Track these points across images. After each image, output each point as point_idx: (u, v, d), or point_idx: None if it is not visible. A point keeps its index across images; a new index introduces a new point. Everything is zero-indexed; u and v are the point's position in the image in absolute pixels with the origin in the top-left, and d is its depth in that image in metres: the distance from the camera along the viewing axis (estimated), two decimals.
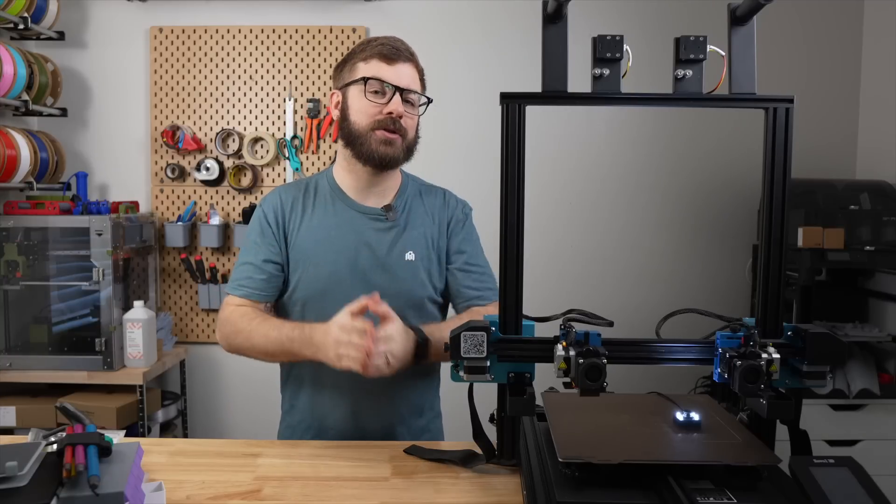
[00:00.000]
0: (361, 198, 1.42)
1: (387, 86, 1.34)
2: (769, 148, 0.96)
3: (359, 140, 1.35)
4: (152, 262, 2.89)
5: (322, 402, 1.41)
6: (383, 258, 1.38)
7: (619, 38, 0.94)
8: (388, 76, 1.34)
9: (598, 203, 2.98)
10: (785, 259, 0.97)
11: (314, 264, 1.38)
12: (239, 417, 3.02)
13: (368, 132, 1.34)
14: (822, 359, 0.91)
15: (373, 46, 1.36)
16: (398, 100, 1.34)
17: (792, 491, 0.83)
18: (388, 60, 1.35)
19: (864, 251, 2.45)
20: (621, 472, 0.86)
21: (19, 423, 2.50)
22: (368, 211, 1.41)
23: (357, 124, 1.35)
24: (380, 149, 1.34)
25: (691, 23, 2.85)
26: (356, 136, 1.36)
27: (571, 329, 0.95)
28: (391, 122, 1.34)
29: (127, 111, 2.93)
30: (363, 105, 1.35)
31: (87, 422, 1.05)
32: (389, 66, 1.35)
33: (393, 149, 1.35)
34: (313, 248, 1.39)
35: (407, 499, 1.03)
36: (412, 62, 1.39)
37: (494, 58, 2.91)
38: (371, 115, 1.34)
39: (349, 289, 1.34)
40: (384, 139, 1.34)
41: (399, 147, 1.36)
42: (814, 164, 2.86)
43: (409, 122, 1.37)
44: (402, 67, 1.36)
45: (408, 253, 1.39)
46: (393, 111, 1.33)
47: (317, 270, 1.37)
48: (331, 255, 1.37)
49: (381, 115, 1.34)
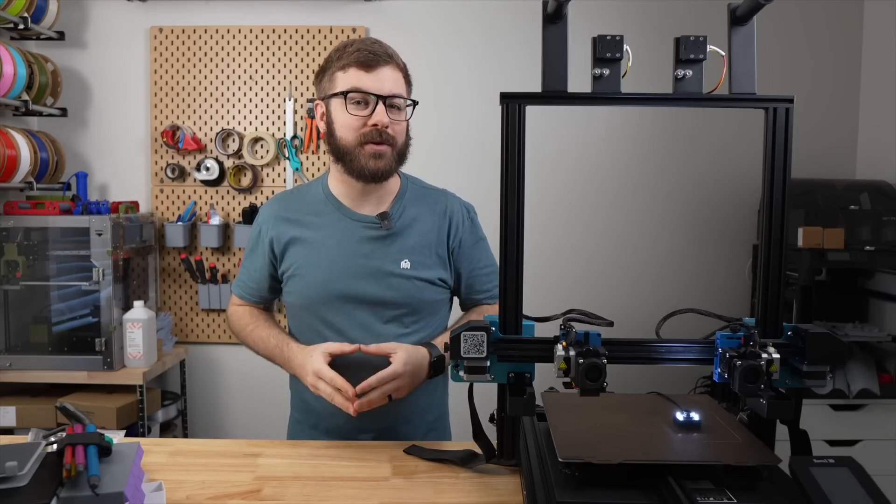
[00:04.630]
0: (357, 206, 1.39)
1: (368, 96, 1.29)
2: (769, 148, 0.96)
3: (348, 157, 1.32)
4: (152, 262, 2.89)
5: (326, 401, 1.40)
6: (377, 267, 1.36)
7: (619, 38, 0.94)
8: (369, 85, 1.28)
9: (598, 203, 2.98)
10: (785, 259, 0.97)
11: (309, 273, 1.37)
12: (239, 417, 3.03)
13: (356, 148, 1.31)
14: (822, 359, 0.91)
15: (349, 54, 1.30)
16: (382, 110, 1.28)
17: (792, 491, 0.83)
18: (367, 67, 1.29)
19: (864, 251, 2.45)
20: (621, 472, 0.86)
21: (19, 423, 2.49)
22: (363, 219, 1.38)
23: (343, 140, 1.32)
24: (370, 164, 1.30)
25: (691, 23, 2.85)
26: (344, 153, 1.32)
27: (571, 329, 0.95)
28: (378, 135, 1.29)
29: (127, 111, 2.93)
30: (347, 120, 1.30)
31: (87, 422, 1.05)
32: (368, 74, 1.29)
33: (383, 161, 1.31)
34: (307, 257, 1.38)
35: (407, 499, 1.03)
36: (392, 63, 1.32)
37: (494, 58, 2.90)
38: (356, 129, 1.30)
39: (343, 298, 1.35)
40: (373, 153, 1.30)
41: (389, 158, 1.32)
42: (814, 164, 2.86)
43: (398, 128, 1.32)
44: (383, 72, 1.30)
45: (403, 261, 1.36)
46: (378, 122, 1.28)
47: (312, 279, 1.37)
48: (325, 264, 1.36)
49: (367, 128, 1.29)
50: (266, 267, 1.44)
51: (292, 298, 1.41)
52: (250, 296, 1.49)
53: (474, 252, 1.45)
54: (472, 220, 1.47)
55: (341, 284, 1.35)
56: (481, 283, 1.46)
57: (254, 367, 2.49)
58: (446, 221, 1.42)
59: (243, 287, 1.49)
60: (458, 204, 1.47)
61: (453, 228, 1.42)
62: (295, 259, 1.39)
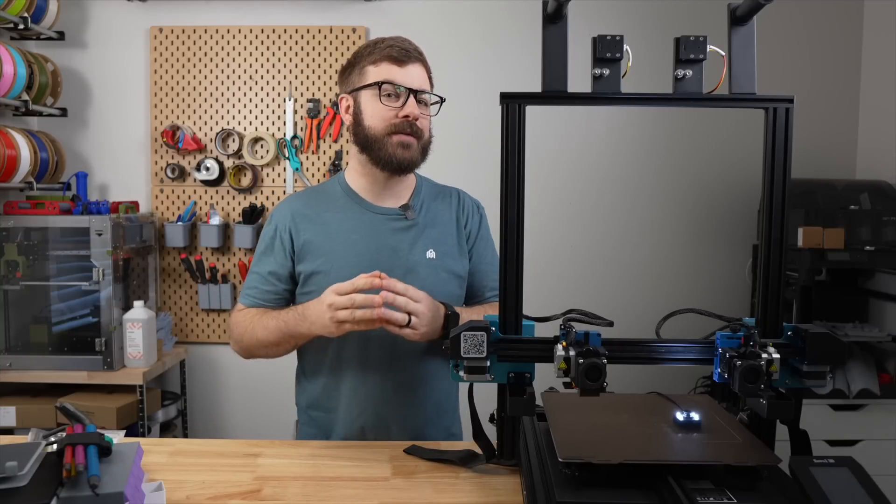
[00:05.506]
0: (378, 200, 1.41)
1: (400, 88, 1.33)
2: (769, 148, 0.96)
3: (376, 145, 1.35)
4: (152, 262, 2.89)
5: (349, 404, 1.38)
6: (405, 258, 1.37)
7: (619, 38, 0.94)
8: (401, 78, 1.33)
9: (599, 203, 2.98)
10: (785, 259, 0.97)
11: (335, 269, 1.35)
12: (239, 417, 3.02)
13: (385, 137, 1.34)
14: (822, 359, 0.91)
15: (381, 49, 1.35)
16: (413, 102, 1.34)
17: (792, 491, 0.83)
18: (399, 62, 1.34)
19: (864, 251, 2.45)
20: (621, 472, 0.86)
21: (19, 423, 2.49)
22: (386, 212, 1.40)
23: (373, 129, 1.35)
24: (397, 153, 1.34)
25: (691, 23, 2.85)
26: (372, 141, 1.35)
27: (571, 329, 0.95)
28: (407, 126, 1.33)
29: (127, 111, 2.93)
30: (378, 109, 1.34)
31: (87, 422, 1.05)
32: (400, 69, 1.34)
33: (410, 152, 1.35)
34: (332, 254, 1.36)
35: (407, 499, 1.03)
36: (421, 62, 1.38)
37: (494, 58, 2.91)
38: (387, 120, 1.33)
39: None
40: (401, 143, 1.34)
41: (416, 149, 1.36)
42: (814, 164, 2.86)
43: (424, 122, 1.37)
44: (413, 68, 1.35)
45: (429, 251, 1.38)
46: (409, 114, 1.33)
47: (337, 276, 1.32)
48: (352, 260, 1.35)
49: (397, 119, 1.33)
50: (286, 265, 1.40)
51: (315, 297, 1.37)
52: (262, 300, 1.40)
53: (485, 248, 1.48)
54: (482, 215, 1.52)
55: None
56: (490, 280, 1.47)
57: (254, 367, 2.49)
58: (462, 213, 1.47)
59: (253, 292, 1.41)
60: (469, 199, 1.52)
61: (465, 220, 1.47)
62: (318, 256, 1.37)
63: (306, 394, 1.45)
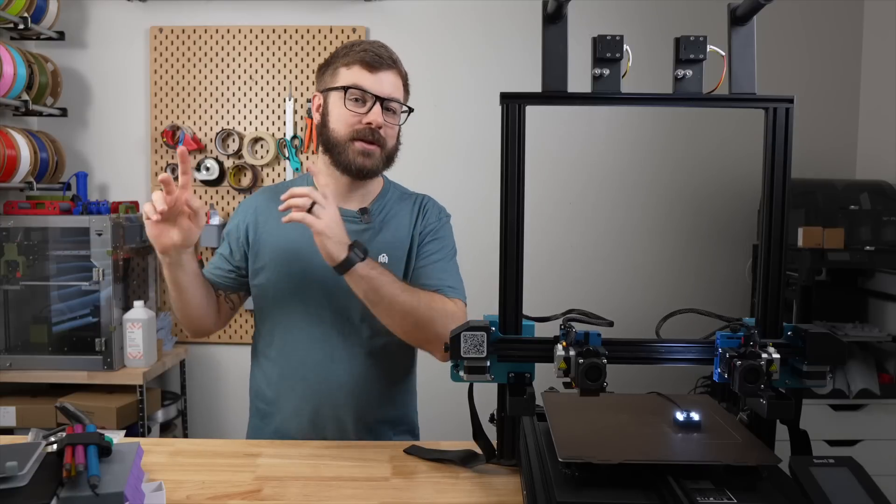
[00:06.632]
0: (341, 201, 1.40)
1: (367, 94, 1.32)
2: (769, 148, 0.96)
3: (337, 149, 1.35)
4: (152, 262, 2.89)
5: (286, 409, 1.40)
6: None
7: (619, 38, 0.94)
8: (369, 85, 1.32)
9: (598, 203, 2.98)
10: (785, 259, 0.97)
11: (285, 263, 1.38)
12: (239, 417, 3.01)
13: (347, 142, 1.34)
14: (822, 359, 0.91)
15: (355, 52, 1.34)
16: (378, 110, 1.32)
17: (792, 491, 0.83)
18: (371, 68, 1.33)
19: (864, 251, 2.45)
20: (621, 472, 0.86)
21: (19, 423, 2.49)
22: (345, 213, 1.37)
23: (336, 132, 1.35)
24: (357, 160, 1.33)
25: (691, 23, 2.85)
26: (335, 144, 1.35)
27: (571, 329, 0.95)
28: (370, 133, 1.33)
29: (127, 111, 2.93)
30: (342, 114, 1.33)
31: (87, 422, 1.05)
32: (371, 74, 1.33)
33: (371, 160, 1.34)
34: (285, 249, 1.38)
35: (407, 499, 1.03)
36: (395, 69, 1.37)
37: (494, 58, 2.90)
38: (350, 125, 1.33)
39: (320, 289, 1.35)
40: (362, 150, 1.33)
41: (378, 158, 1.35)
42: (814, 164, 2.86)
43: (390, 131, 1.36)
44: (385, 75, 1.34)
45: (381, 255, 1.37)
46: (372, 122, 1.32)
47: (287, 270, 1.37)
48: (305, 255, 1.36)
49: (360, 125, 1.32)
50: (234, 257, 1.43)
51: (268, 289, 1.39)
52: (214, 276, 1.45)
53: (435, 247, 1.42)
54: (443, 221, 1.47)
55: (320, 275, 1.33)
56: (430, 278, 1.38)
57: None
58: (421, 218, 1.44)
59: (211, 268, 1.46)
60: (435, 205, 1.49)
61: (421, 218, 1.44)
62: (267, 252, 1.39)
63: (252, 382, 1.48)
